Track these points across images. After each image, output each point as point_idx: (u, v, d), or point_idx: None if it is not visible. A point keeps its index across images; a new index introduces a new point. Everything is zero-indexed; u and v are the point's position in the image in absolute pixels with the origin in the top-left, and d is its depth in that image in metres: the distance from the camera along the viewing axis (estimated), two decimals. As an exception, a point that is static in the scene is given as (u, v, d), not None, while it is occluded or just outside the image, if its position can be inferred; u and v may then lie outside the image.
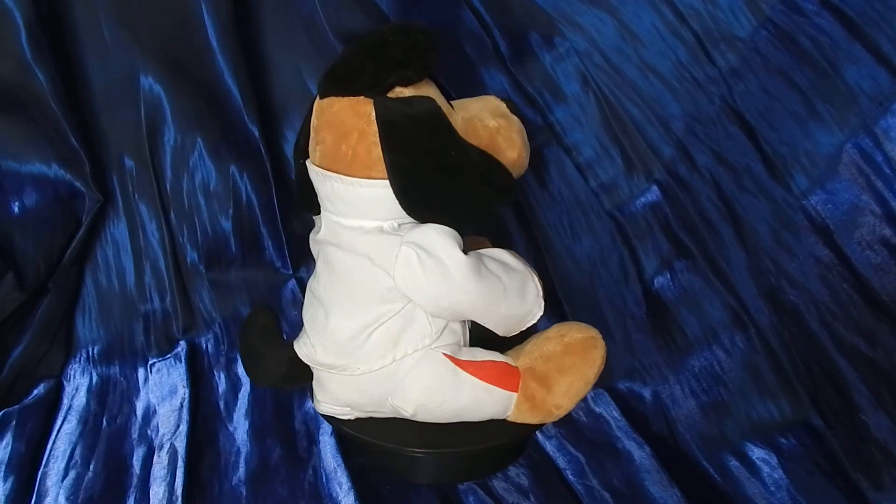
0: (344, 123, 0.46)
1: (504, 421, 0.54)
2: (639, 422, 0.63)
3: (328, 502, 0.56)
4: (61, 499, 0.57)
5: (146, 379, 0.71)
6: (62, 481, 0.59)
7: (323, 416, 0.56)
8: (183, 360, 0.72)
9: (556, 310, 0.70)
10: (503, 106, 0.51)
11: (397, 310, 0.49)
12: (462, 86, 0.65)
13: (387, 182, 0.46)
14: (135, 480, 0.59)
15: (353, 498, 0.55)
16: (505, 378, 0.52)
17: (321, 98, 0.48)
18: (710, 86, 0.59)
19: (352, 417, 0.55)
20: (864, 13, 0.50)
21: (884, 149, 0.50)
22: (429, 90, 0.49)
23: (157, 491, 0.57)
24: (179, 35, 0.67)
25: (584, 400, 0.66)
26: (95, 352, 0.72)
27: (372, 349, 0.49)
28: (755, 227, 0.58)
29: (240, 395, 0.68)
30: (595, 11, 0.63)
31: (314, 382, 0.55)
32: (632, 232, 0.67)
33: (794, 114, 0.54)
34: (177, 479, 0.58)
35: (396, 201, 0.46)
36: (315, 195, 0.52)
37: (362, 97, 0.46)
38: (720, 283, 0.61)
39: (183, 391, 0.68)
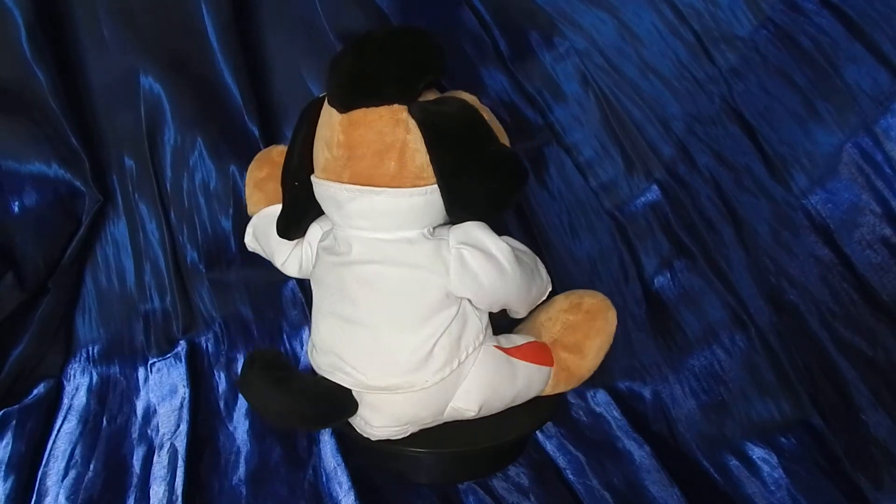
0: (383, 134, 0.45)
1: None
2: (639, 421, 0.63)
3: (328, 502, 0.56)
4: (61, 498, 0.57)
5: (146, 378, 0.71)
6: (62, 481, 0.59)
7: (374, 441, 0.53)
8: (183, 360, 0.72)
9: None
10: (475, 98, 0.51)
11: (454, 314, 0.49)
12: (462, 86, 0.65)
13: (433, 187, 0.46)
14: (135, 480, 0.59)
15: (353, 498, 0.55)
16: (543, 355, 0.54)
17: (346, 111, 0.45)
18: (710, 85, 0.59)
19: (406, 435, 0.53)
20: (864, 13, 0.50)
21: (884, 148, 0.50)
22: (433, 92, 0.49)
23: (157, 490, 0.57)
24: (179, 35, 0.67)
25: (585, 400, 0.66)
26: (95, 351, 0.72)
27: (438, 358, 0.48)
28: (755, 227, 0.58)
29: (240, 395, 0.68)
30: (595, 11, 0.63)
31: (363, 409, 0.51)
32: (632, 231, 0.67)
33: (794, 113, 0.54)
34: (177, 479, 0.58)
35: (438, 205, 0.47)
36: (308, 218, 0.52)
37: (396, 105, 0.45)
38: (720, 283, 0.61)
39: (183, 391, 0.68)
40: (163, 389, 0.69)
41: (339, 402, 0.50)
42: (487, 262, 0.48)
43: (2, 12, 0.60)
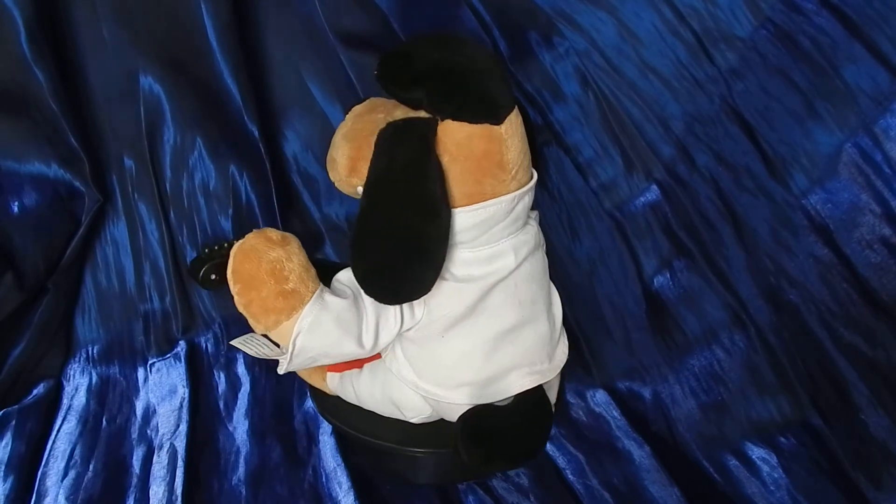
0: (523, 129, 0.46)
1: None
2: (639, 421, 0.63)
3: (328, 502, 0.56)
4: (61, 498, 0.57)
5: (146, 379, 0.71)
6: (62, 481, 0.59)
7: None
8: (183, 360, 0.72)
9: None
10: None
11: None
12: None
13: None
14: (134, 480, 0.59)
15: (352, 498, 0.55)
16: None
17: (502, 122, 0.44)
18: (709, 85, 0.59)
19: None
20: (864, 12, 0.50)
21: (883, 148, 0.50)
22: None
23: (157, 491, 0.57)
24: (179, 35, 0.67)
25: (584, 400, 0.66)
26: (95, 352, 0.72)
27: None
28: (755, 227, 0.58)
29: (239, 395, 0.68)
30: (594, 11, 0.63)
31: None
32: (631, 231, 0.67)
33: (794, 113, 0.54)
34: (176, 479, 0.58)
35: None
36: None
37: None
38: (720, 283, 0.61)
39: (182, 391, 0.68)
40: (162, 390, 0.69)
41: (547, 399, 0.52)
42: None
43: (2, 12, 0.60)
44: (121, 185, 0.71)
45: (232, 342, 0.49)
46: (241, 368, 0.71)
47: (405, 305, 0.47)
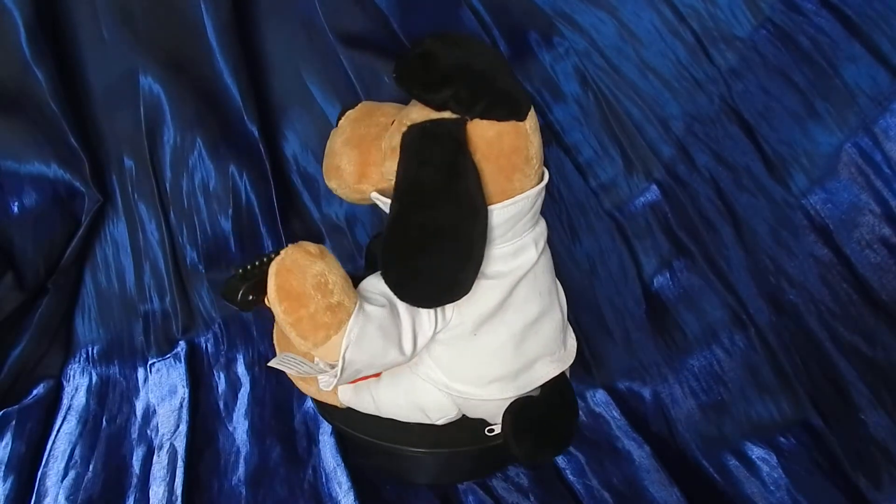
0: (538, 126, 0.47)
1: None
2: (639, 421, 0.63)
3: (328, 502, 0.56)
4: (61, 499, 0.57)
5: (146, 379, 0.71)
6: (62, 481, 0.59)
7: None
8: (182, 360, 0.72)
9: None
10: None
11: None
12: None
13: None
14: (134, 480, 0.59)
15: (352, 498, 0.55)
16: None
17: (524, 120, 0.44)
18: (709, 85, 0.59)
19: None
20: (864, 12, 0.50)
21: (883, 148, 0.50)
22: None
23: (157, 491, 0.57)
24: (179, 35, 0.67)
25: (584, 400, 0.66)
26: (95, 352, 0.72)
27: None
28: (754, 227, 0.58)
29: (239, 395, 0.68)
30: (594, 11, 0.63)
31: None
32: (631, 231, 0.67)
33: (794, 113, 0.54)
34: (176, 479, 0.58)
35: None
36: None
37: None
38: (719, 283, 0.61)
39: (182, 391, 0.68)
40: (162, 390, 0.69)
41: (570, 384, 0.53)
42: None
43: (2, 12, 0.60)
44: (121, 185, 0.71)
45: (270, 364, 0.48)
46: (240, 368, 0.71)
47: (439, 308, 0.46)
